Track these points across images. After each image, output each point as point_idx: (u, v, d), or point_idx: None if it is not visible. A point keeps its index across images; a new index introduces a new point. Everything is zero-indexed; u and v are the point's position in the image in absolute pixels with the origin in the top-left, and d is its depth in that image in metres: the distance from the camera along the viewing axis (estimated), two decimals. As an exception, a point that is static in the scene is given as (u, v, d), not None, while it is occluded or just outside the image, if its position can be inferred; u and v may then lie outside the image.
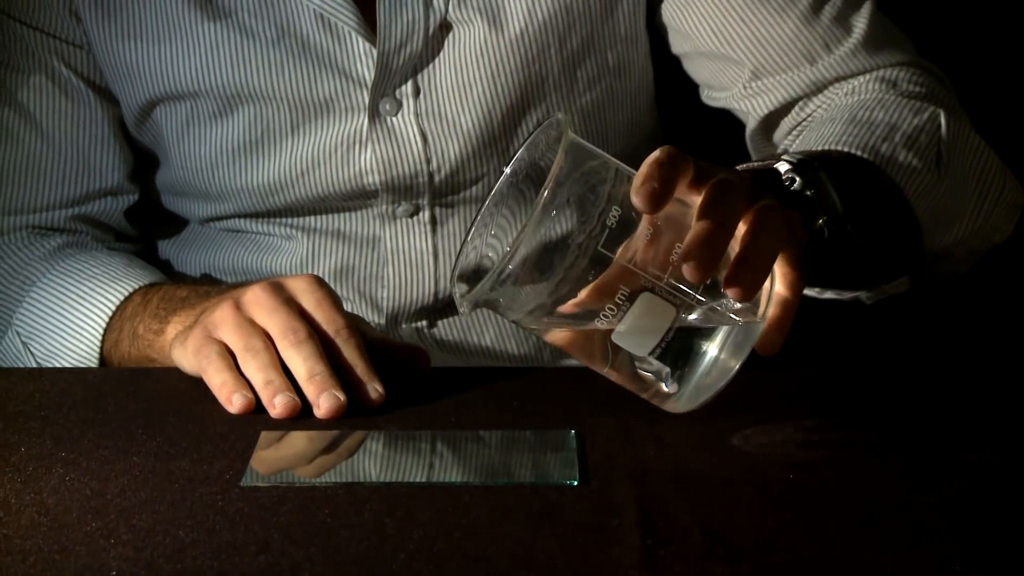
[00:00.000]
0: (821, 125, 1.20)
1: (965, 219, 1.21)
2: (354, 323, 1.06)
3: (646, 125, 1.39)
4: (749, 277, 0.89)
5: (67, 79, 1.33)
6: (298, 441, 0.98)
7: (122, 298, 1.23)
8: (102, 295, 1.24)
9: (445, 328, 1.36)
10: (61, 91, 1.33)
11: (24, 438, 0.98)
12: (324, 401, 1.00)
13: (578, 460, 0.92)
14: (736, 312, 0.91)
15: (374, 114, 1.29)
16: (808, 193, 1.02)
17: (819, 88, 1.30)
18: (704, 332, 0.92)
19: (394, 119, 1.30)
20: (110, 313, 1.23)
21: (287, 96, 1.29)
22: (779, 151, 1.28)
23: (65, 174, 1.34)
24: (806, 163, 1.03)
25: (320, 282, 1.07)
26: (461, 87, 1.29)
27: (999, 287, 1.66)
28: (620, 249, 0.90)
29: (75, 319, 1.24)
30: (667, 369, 0.92)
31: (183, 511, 0.86)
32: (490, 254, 0.93)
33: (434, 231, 1.33)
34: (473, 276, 0.92)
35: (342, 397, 1.01)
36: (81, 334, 1.24)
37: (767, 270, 0.90)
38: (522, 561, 0.79)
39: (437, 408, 1.03)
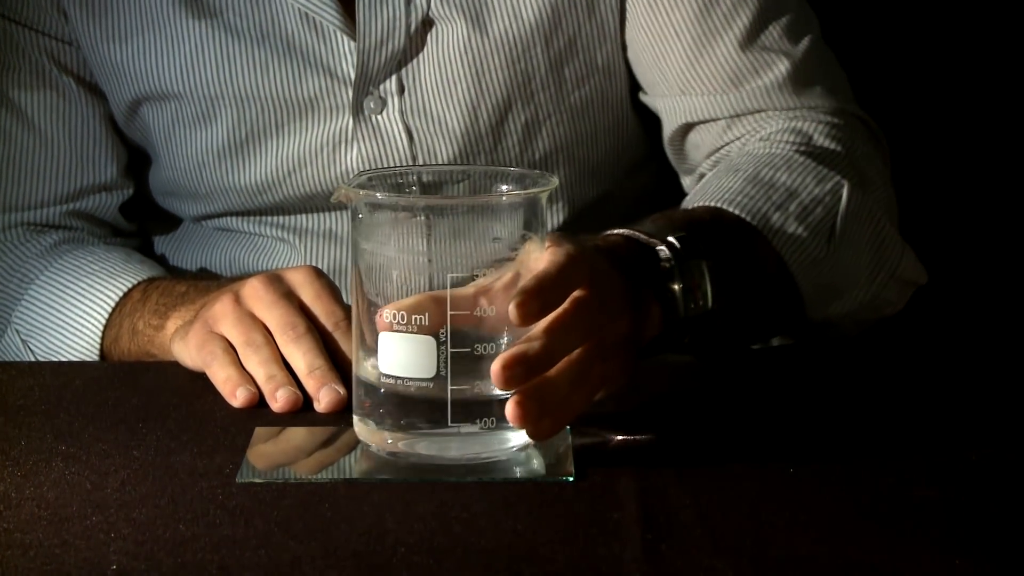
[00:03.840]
0: (725, 175, 1.19)
1: (855, 292, 1.19)
2: (354, 316, 1.06)
3: (632, 124, 1.39)
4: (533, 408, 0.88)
5: (57, 75, 1.33)
6: (297, 436, 0.98)
7: (121, 294, 1.23)
8: (101, 291, 1.24)
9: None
10: (52, 87, 1.33)
11: (24, 432, 0.98)
12: (324, 395, 1.01)
13: (573, 455, 0.92)
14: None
15: (358, 112, 1.29)
16: (678, 287, 1.02)
17: (739, 114, 1.28)
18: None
19: (379, 117, 1.29)
20: (109, 309, 1.23)
21: (272, 96, 1.29)
22: (683, 207, 1.24)
23: (58, 170, 1.34)
24: (689, 250, 1.03)
25: (319, 274, 1.07)
26: (445, 85, 1.29)
27: (1000, 285, 1.66)
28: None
29: (74, 316, 1.24)
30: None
31: (183, 505, 0.86)
32: None
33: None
34: None
35: (342, 391, 1.01)
36: (81, 331, 1.23)
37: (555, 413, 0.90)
38: (522, 555, 0.79)
39: (437, 403, 1.03)
